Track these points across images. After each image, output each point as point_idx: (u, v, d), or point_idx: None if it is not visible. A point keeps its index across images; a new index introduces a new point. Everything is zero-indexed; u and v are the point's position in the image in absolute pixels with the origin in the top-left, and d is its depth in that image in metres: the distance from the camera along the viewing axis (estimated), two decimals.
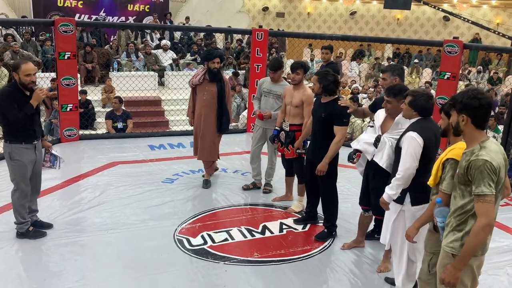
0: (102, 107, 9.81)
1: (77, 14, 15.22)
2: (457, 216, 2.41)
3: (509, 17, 18.26)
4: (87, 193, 5.06)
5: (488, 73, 14.76)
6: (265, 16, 20.75)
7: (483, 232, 2.28)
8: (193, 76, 5.27)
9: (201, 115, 5.17)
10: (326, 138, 4.01)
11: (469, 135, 2.37)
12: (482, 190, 2.24)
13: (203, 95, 5.13)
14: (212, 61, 5.02)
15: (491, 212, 2.26)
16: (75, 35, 6.92)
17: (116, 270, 3.61)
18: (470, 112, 2.33)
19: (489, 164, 2.24)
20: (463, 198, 2.38)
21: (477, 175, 2.25)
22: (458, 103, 2.37)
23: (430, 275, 2.82)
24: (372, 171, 3.68)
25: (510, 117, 5.89)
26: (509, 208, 5.28)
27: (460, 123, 2.37)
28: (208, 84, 5.11)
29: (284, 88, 4.92)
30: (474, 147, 2.33)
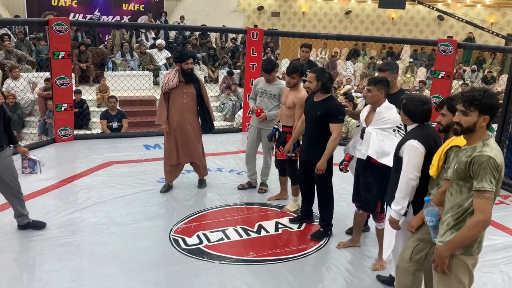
0: (97, 107, 9.78)
1: (72, 13, 15.16)
2: (454, 214, 2.40)
3: (502, 16, 18.37)
4: (82, 193, 5.05)
5: (482, 72, 14.84)
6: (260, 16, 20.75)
7: (478, 227, 2.28)
8: (165, 80, 4.94)
9: (183, 119, 4.96)
10: (321, 137, 4.01)
11: (478, 134, 2.34)
12: (483, 186, 2.23)
13: (182, 98, 4.93)
14: (186, 62, 4.85)
15: (489, 209, 2.26)
16: (70, 35, 6.89)
17: (112, 270, 3.61)
18: (492, 113, 2.31)
19: (493, 161, 2.24)
20: (461, 195, 2.38)
21: (480, 170, 2.24)
22: (485, 104, 2.28)
23: (411, 263, 2.82)
24: (362, 167, 3.71)
25: (504, 116, 5.92)
26: (503, 207, 5.32)
27: (478, 124, 2.31)
28: (185, 87, 4.92)
29: (279, 88, 4.94)
30: (476, 143, 2.33)
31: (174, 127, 4.99)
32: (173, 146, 5.06)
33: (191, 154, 5.13)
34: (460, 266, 2.42)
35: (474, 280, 2.58)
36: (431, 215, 2.55)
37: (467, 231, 2.31)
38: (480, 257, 2.52)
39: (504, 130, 5.93)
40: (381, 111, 3.49)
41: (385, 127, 3.50)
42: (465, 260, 2.41)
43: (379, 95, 3.53)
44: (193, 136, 5.06)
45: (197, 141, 5.14)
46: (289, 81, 4.58)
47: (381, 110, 3.50)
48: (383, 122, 3.50)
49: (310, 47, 6.22)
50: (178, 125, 4.98)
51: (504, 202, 5.47)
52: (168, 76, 4.93)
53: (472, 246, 2.40)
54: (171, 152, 5.08)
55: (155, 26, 14.34)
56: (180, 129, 5.00)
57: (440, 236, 2.49)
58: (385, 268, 3.73)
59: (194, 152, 5.13)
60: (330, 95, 4.05)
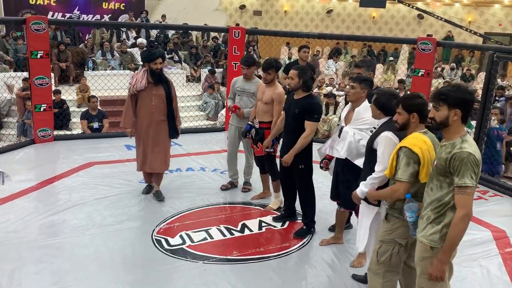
0: (77, 107, 9.66)
1: (50, 12, 14.90)
2: (434, 208, 2.44)
3: (480, 15, 18.71)
4: (63, 195, 4.97)
5: (461, 70, 15.10)
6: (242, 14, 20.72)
7: (463, 223, 2.33)
8: (132, 81, 4.69)
9: (151, 122, 4.71)
10: (299, 134, 4.03)
11: (453, 129, 2.39)
12: (465, 182, 2.28)
13: (151, 100, 4.66)
14: (154, 61, 4.60)
15: (470, 204, 2.31)
16: (48, 34, 6.77)
17: (93, 272, 3.56)
18: (463, 107, 2.35)
19: (473, 157, 2.29)
20: (441, 190, 2.41)
21: (461, 167, 2.28)
22: (452, 98, 2.36)
23: (379, 265, 2.85)
24: (341, 165, 3.74)
25: (482, 113, 6.04)
26: (482, 202, 5.42)
27: (450, 118, 2.37)
28: (154, 88, 4.67)
29: (257, 85, 4.93)
30: (455, 140, 2.37)
31: (143, 131, 4.75)
32: (141, 150, 4.82)
33: (153, 163, 4.81)
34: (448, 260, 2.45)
35: (454, 274, 2.63)
36: (412, 211, 2.58)
37: (455, 230, 2.34)
38: (460, 252, 2.58)
39: (482, 127, 6.04)
40: (360, 111, 3.52)
41: (363, 127, 3.53)
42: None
43: (361, 93, 3.56)
44: (161, 140, 4.79)
45: (164, 146, 4.85)
46: (265, 77, 4.57)
47: (360, 110, 3.53)
48: (361, 123, 3.53)
49: (309, 48, 6.29)
50: (147, 128, 4.73)
51: (483, 198, 5.57)
52: (136, 77, 4.68)
53: None
54: (142, 157, 4.85)
55: (136, 25, 14.20)
56: (148, 133, 4.74)
57: (420, 231, 2.52)
58: (364, 265, 3.75)
59: (158, 159, 4.81)
60: (310, 93, 4.08)
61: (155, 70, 4.65)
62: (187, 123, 9.44)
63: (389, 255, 2.81)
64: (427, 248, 2.48)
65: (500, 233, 4.59)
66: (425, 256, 2.50)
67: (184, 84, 11.86)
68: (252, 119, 4.77)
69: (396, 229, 2.81)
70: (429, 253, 2.47)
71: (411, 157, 2.61)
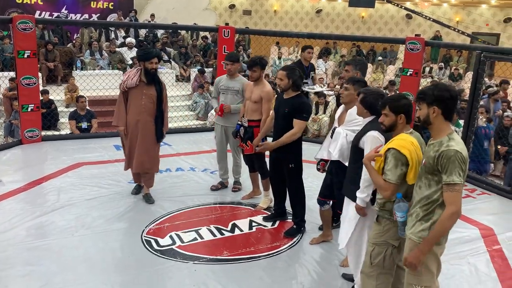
0: (66, 107, 9.57)
1: (37, 11, 14.74)
2: (423, 206, 2.47)
3: (467, 15, 18.90)
4: (51, 196, 4.92)
5: (449, 70, 15.23)
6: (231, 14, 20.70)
7: (452, 219, 2.36)
8: (124, 78, 4.64)
9: (139, 122, 4.64)
10: None
11: (437, 126, 2.43)
12: (453, 179, 2.31)
13: (141, 99, 4.61)
14: (150, 61, 4.54)
15: (459, 201, 2.35)
16: (35, 33, 6.70)
17: (82, 273, 3.53)
18: (441, 104, 2.39)
19: (460, 155, 2.32)
20: (429, 188, 2.44)
21: (449, 164, 2.32)
22: (429, 96, 2.41)
23: (372, 267, 2.86)
24: (335, 167, 3.74)
25: (470, 112, 6.09)
26: (469, 200, 5.48)
27: (430, 115, 2.42)
28: (145, 87, 4.61)
29: (241, 83, 4.95)
30: (442, 138, 2.40)
31: (132, 129, 4.68)
32: (128, 150, 4.76)
33: (142, 163, 4.74)
34: (430, 255, 2.48)
35: (443, 272, 2.65)
36: (402, 210, 2.59)
37: (442, 224, 2.37)
38: (448, 250, 2.61)
39: (470, 126, 6.10)
40: (353, 113, 3.51)
41: (356, 128, 3.53)
42: (434, 250, 2.48)
43: (354, 95, 3.52)
44: (148, 141, 4.72)
45: (152, 147, 4.78)
46: (251, 74, 4.58)
47: (352, 111, 3.51)
48: (354, 124, 3.53)
49: (313, 48, 6.32)
50: (135, 128, 4.66)
51: (470, 196, 5.63)
52: (129, 74, 4.64)
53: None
54: (129, 157, 4.80)
55: (124, 24, 14.12)
56: (134, 133, 4.68)
57: (409, 228, 2.54)
58: None
59: (146, 160, 4.75)
60: (299, 92, 4.09)
61: (150, 69, 4.59)
62: (177, 123, 9.42)
63: (382, 257, 2.82)
64: (416, 244, 2.50)
65: (488, 230, 4.64)
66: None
67: (174, 83, 11.82)
68: (241, 118, 4.77)
69: (387, 231, 2.81)
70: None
71: (399, 158, 2.63)
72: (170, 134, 7.54)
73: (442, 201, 2.40)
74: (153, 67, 4.60)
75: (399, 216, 2.60)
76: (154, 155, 4.84)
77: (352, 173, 3.15)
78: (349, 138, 3.53)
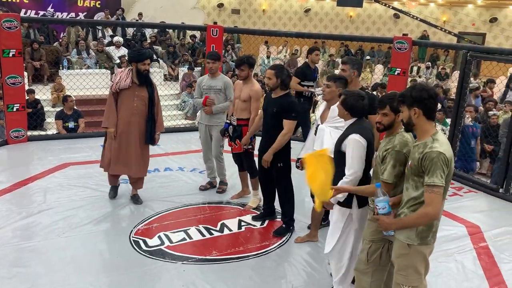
0: (52, 107, 9.46)
1: (23, 9, 14.55)
2: (410, 206, 2.49)
3: (454, 15, 19.09)
4: (37, 196, 4.86)
5: (436, 69, 15.37)
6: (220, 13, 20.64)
7: (425, 218, 2.38)
8: (116, 79, 4.53)
9: (130, 124, 4.54)
10: (278, 133, 4.05)
11: (420, 127, 2.44)
12: (434, 181, 2.32)
13: (133, 101, 4.52)
14: (143, 62, 4.47)
15: (438, 202, 2.35)
16: (20, 32, 6.61)
17: (70, 275, 3.49)
18: (421, 104, 2.40)
19: (443, 156, 2.32)
20: (417, 190, 2.45)
21: (431, 166, 2.33)
22: (408, 97, 2.43)
23: (368, 265, 2.87)
24: None
25: (456, 110, 6.16)
26: (456, 198, 5.53)
27: (412, 117, 2.43)
28: (137, 89, 4.52)
29: (223, 81, 4.95)
30: (426, 139, 2.41)
31: (120, 132, 4.56)
32: (115, 151, 4.61)
33: (129, 165, 4.66)
34: (417, 255, 2.50)
35: (430, 270, 2.67)
36: (382, 201, 2.52)
37: (414, 219, 2.41)
38: (435, 247, 2.61)
39: (457, 124, 6.16)
40: (335, 109, 3.53)
41: (339, 125, 3.54)
42: (422, 250, 2.50)
43: (336, 92, 3.60)
44: (139, 144, 4.63)
45: (141, 150, 4.69)
46: (239, 73, 4.60)
47: (335, 108, 3.53)
48: (337, 121, 3.54)
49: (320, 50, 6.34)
50: (126, 129, 4.56)
51: (457, 194, 5.69)
52: (121, 75, 4.53)
53: (428, 236, 2.48)
54: (107, 159, 4.66)
55: (112, 23, 13.99)
56: (125, 135, 4.57)
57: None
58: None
59: (134, 163, 4.66)
60: (287, 91, 4.10)
61: (143, 71, 4.51)
62: (165, 123, 9.31)
63: (379, 253, 2.83)
64: (404, 245, 2.51)
65: (475, 228, 4.69)
66: (402, 253, 2.53)
67: (162, 83, 11.75)
68: (230, 117, 4.76)
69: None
70: (406, 250, 2.50)
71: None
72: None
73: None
74: (146, 69, 4.52)
75: (380, 207, 2.52)
76: (147, 159, 4.80)
77: (336, 177, 3.15)
78: (333, 134, 3.54)
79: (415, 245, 2.47)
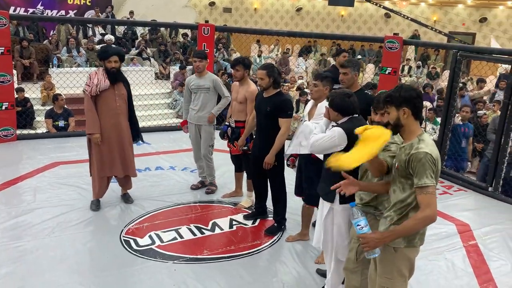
0: (42, 105, 9.37)
1: (12, 6, 14.39)
2: (397, 209, 2.44)
3: (444, 14, 19.23)
4: (27, 196, 4.82)
5: (427, 68, 15.46)
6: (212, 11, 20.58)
7: (425, 222, 2.31)
8: (93, 82, 4.32)
9: (116, 125, 4.45)
10: (272, 132, 4.07)
11: (408, 128, 2.41)
12: (425, 182, 2.27)
13: (115, 101, 4.40)
14: (109, 60, 4.31)
15: (434, 203, 2.30)
16: (9, 29, 6.54)
17: (60, 275, 3.46)
18: (410, 104, 2.38)
19: (430, 156, 2.29)
20: (403, 191, 2.41)
21: (419, 167, 2.29)
22: (396, 98, 2.40)
23: (357, 263, 2.87)
24: (304, 161, 3.78)
25: (446, 109, 6.20)
26: (446, 196, 5.58)
27: (401, 117, 2.40)
28: (116, 88, 4.41)
29: (211, 80, 4.96)
30: (413, 140, 2.39)
31: (108, 133, 4.43)
32: (106, 155, 4.48)
33: (127, 165, 4.60)
34: (403, 259, 2.46)
35: (421, 268, 2.68)
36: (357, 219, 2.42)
37: (413, 224, 2.32)
38: (426, 246, 2.62)
39: (447, 124, 6.21)
40: (322, 106, 3.55)
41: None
42: (408, 253, 2.45)
43: (323, 90, 3.62)
44: (128, 143, 4.59)
45: (131, 149, 4.66)
46: (234, 74, 4.61)
47: (322, 105, 3.55)
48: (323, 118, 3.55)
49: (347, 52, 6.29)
50: (113, 131, 4.45)
51: (447, 192, 5.73)
52: (97, 77, 4.34)
53: (415, 238, 2.44)
54: (104, 162, 4.50)
55: (102, 21, 13.87)
56: (115, 136, 4.47)
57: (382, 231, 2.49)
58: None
59: (130, 163, 4.63)
60: (279, 90, 4.11)
61: (110, 69, 4.35)
62: (156, 121, 9.32)
63: None
64: (389, 248, 2.45)
65: (464, 226, 4.73)
66: (387, 256, 2.48)
67: (153, 81, 11.70)
68: (228, 119, 4.76)
69: (372, 225, 2.79)
70: (391, 254, 2.46)
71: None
72: (150, 133, 7.51)
73: (415, 205, 2.37)
74: (112, 66, 4.34)
75: (362, 225, 2.39)
76: (133, 157, 4.75)
77: (325, 173, 3.16)
78: (317, 130, 3.55)
79: (401, 247, 2.43)
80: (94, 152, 4.51)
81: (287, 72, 14.15)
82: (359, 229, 2.40)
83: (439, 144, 6.32)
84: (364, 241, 2.36)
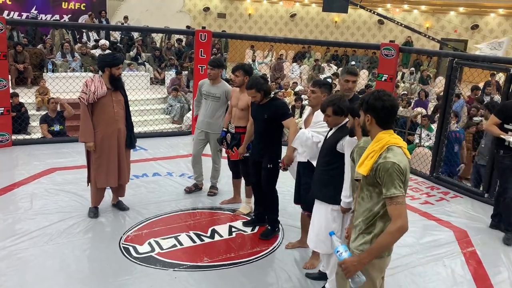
0: (36, 110, 9.31)
1: (6, 11, 14.31)
2: (365, 218, 2.42)
3: (437, 21, 19.42)
4: (24, 202, 4.77)
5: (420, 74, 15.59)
6: (206, 17, 20.63)
7: (399, 233, 2.27)
8: (90, 89, 4.26)
9: (115, 132, 4.42)
10: (270, 138, 4.13)
11: (374, 134, 2.41)
12: (394, 192, 2.25)
13: (113, 107, 4.38)
14: (118, 67, 4.37)
15: (405, 213, 2.26)
16: (5, 34, 6.50)
17: (58, 283, 3.43)
18: (373, 113, 2.37)
19: (397, 166, 2.26)
20: (371, 200, 2.39)
21: (386, 178, 2.26)
22: (364, 103, 2.42)
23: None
24: (302, 167, 3.79)
25: (442, 116, 6.25)
26: (443, 203, 5.61)
27: (366, 123, 2.42)
28: (114, 94, 4.41)
29: (223, 90, 4.96)
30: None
31: (107, 141, 4.39)
32: (105, 165, 4.44)
33: (123, 174, 4.58)
34: (373, 269, 2.43)
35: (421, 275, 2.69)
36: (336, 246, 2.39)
37: (388, 238, 2.28)
38: (425, 252, 2.63)
39: (443, 130, 6.26)
40: (318, 115, 3.57)
41: (321, 130, 3.57)
42: (377, 264, 2.43)
43: (321, 97, 3.63)
44: (125, 151, 4.58)
45: (127, 157, 4.64)
46: (234, 79, 4.63)
47: (318, 113, 3.57)
48: (320, 126, 3.58)
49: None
50: (112, 138, 4.41)
51: (444, 199, 5.77)
52: (94, 84, 4.28)
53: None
54: (103, 173, 4.45)
55: (97, 26, 13.84)
56: (114, 143, 4.44)
57: (352, 241, 2.50)
58: (316, 266, 3.82)
59: (125, 171, 4.60)
60: (273, 96, 4.17)
61: (117, 76, 4.40)
62: (152, 127, 9.29)
63: None
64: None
65: (462, 233, 4.76)
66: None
67: (149, 86, 11.67)
68: (227, 125, 4.76)
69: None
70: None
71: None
72: (146, 139, 7.49)
73: (383, 213, 2.35)
74: (120, 73, 4.44)
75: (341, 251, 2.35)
76: (129, 164, 4.73)
77: (324, 175, 3.17)
78: (315, 139, 3.57)
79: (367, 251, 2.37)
80: (93, 163, 4.48)
81: (282, 78, 14.21)
82: (339, 255, 2.36)
83: (435, 151, 6.37)
84: (344, 266, 2.32)
